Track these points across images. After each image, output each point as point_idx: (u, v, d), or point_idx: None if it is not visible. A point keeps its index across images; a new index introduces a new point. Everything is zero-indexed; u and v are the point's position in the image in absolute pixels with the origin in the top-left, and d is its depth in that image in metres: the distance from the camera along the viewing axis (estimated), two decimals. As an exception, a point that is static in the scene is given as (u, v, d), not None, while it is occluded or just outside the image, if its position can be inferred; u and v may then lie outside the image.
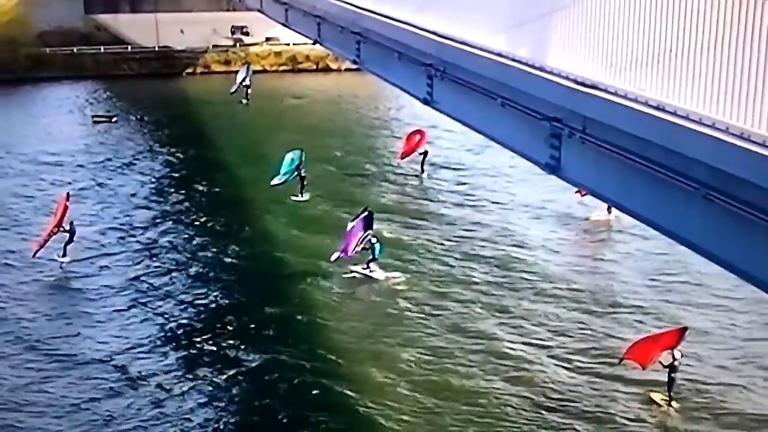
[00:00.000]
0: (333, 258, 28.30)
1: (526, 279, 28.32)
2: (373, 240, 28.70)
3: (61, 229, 28.90)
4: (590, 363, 22.98)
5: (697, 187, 10.07)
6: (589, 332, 24.68)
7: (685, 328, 21.83)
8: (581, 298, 26.97)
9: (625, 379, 22.08)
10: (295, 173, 35.30)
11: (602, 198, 14.04)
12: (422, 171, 40.35)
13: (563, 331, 24.75)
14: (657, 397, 21.31)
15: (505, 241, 31.69)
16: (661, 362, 21.22)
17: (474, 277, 28.50)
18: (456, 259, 29.97)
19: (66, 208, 29.13)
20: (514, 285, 27.81)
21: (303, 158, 35.41)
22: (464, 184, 38.99)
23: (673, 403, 21.04)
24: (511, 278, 28.37)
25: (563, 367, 22.80)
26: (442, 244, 31.34)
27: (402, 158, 40.76)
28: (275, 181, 35.15)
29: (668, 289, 27.69)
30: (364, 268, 28.62)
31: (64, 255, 28.95)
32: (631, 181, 11.87)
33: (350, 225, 28.61)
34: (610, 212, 32.81)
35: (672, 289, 27.68)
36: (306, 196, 35.53)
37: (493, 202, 36.40)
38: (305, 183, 35.55)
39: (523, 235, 32.57)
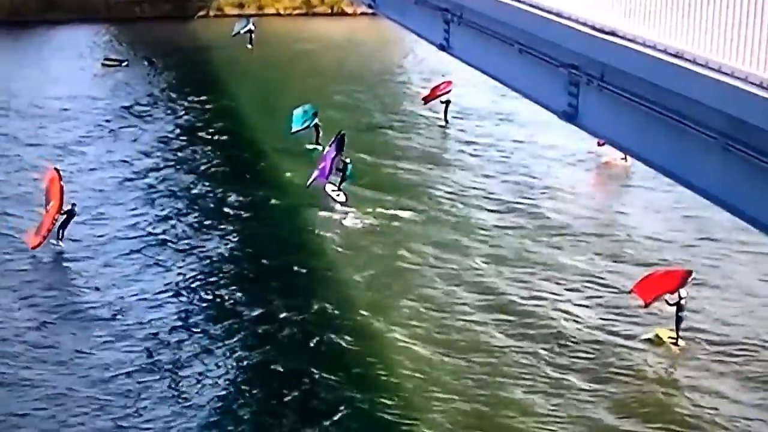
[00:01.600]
0: (309, 182, 28.39)
1: (539, 225, 28.31)
2: (347, 160, 28.94)
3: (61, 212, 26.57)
4: (598, 305, 23.11)
5: (716, 137, 10.01)
6: (596, 276, 24.68)
7: (690, 272, 21.64)
8: (591, 243, 26.96)
9: (633, 319, 22.21)
10: (313, 121, 35.18)
11: (619, 147, 14.05)
12: (445, 120, 39.85)
13: (572, 275, 24.80)
14: (664, 335, 21.40)
15: (519, 188, 31.60)
16: (667, 301, 21.25)
17: (482, 222, 28.53)
18: (466, 204, 29.98)
19: (62, 188, 26.72)
20: (525, 231, 27.80)
21: (317, 111, 35.33)
22: (483, 132, 38.68)
23: (680, 342, 21.14)
24: (521, 224, 28.35)
25: (570, 308, 22.94)
26: (455, 191, 31.27)
27: (425, 102, 40.39)
28: (294, 129, 35.07)
29: (681, 233, 27.68)
30: (334, 190, 28.81)
31: (60, 238, 26.76)
32: (650, 130, 11.80)
33: (325, 150, 28.76)
34: (626, 158, 32.58)
35: (685, 234, 27.66)
36: (321, 147, 35.41)
37: (512, 150, 36.12)
38: (320, 134, 35.41)
39: (537, 180, 32.49)
